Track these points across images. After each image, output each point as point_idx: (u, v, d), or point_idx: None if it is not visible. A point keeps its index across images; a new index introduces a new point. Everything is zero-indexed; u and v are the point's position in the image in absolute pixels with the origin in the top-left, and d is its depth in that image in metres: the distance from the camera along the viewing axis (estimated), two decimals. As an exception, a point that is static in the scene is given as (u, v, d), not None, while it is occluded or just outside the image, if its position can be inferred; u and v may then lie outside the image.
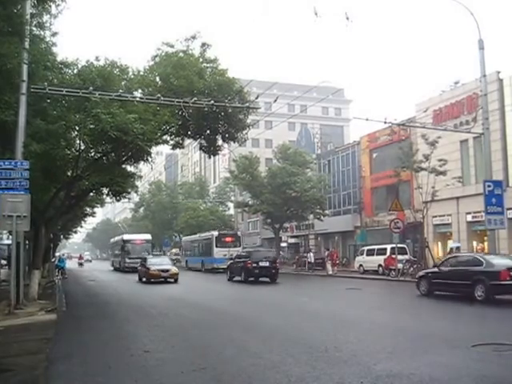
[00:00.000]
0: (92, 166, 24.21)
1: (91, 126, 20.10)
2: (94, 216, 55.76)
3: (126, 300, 25.50)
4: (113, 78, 21.59)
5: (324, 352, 11.25)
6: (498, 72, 38.04)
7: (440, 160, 34.26)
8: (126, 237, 61.64)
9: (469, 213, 39.66)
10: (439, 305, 21.37)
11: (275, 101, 25.01)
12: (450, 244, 33.49)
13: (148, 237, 62.52)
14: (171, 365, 10.45)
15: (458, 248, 33.70)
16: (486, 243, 33.48)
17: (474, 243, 39.63)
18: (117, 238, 69.54)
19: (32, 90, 18.90)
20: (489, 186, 26.14)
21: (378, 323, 15.85)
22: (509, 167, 37.41)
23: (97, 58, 22.19)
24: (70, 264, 72.26)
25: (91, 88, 19.87)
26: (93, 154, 24.18)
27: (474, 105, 37.27)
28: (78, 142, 22.77)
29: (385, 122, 28.46)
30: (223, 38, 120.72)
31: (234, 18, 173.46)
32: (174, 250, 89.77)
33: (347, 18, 19.84)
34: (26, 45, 17.48)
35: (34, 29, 19.09)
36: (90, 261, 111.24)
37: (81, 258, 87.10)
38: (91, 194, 30.83)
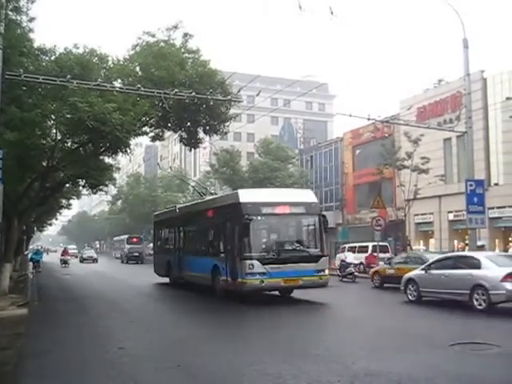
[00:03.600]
0: (68, 157, 23.74)
1: (68, 116, 19.67)
2: (69, 208, 54.53)
3: (102, 294, 24.97)
4: (91, 67, 21.09)
5: (302, 350, 11.16)
6: (482, 71, 38.13)
7: (423, 158, 34.17)
8: (248, 196, 21.29)
9: (450, 211, 39.72)
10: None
11: (258, 94, 24.54)
12: (478, 243, 33.56)
13: (309, 197, 23.47)
14: (146, 362, 10.28)
15: (483, 246, 33.26)
16: (467, 242, 33.34)
17: (455, 242, 39.66)
18: (203, 202, 27.74)
19: (7, 76, 18.26)
20: (471, 185, 25.95)
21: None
22: (491, 166, 37.50)
23: (75, 46, 21.64)
24: (48, 259, 69.72)
25: (69, 76, 19.27)
26: (69, 145, 23.79)
27: (457, 103, 37.23)
28: (54, 131, 22.35)
29: (368, 119, 28.16)
30: (206, 28, 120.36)
31: (218, 9, 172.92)
32: (151, 245, 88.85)
33: (331, 13, 19.42)
34: (1, 29, 17.01)
35: (10, 13, 18.53)
36: (96, 260, 69.83)
37: (66, 253, 58.11)
38: (67, 185, 30.34)
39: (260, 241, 20.65)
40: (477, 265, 17.64)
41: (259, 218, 20.28)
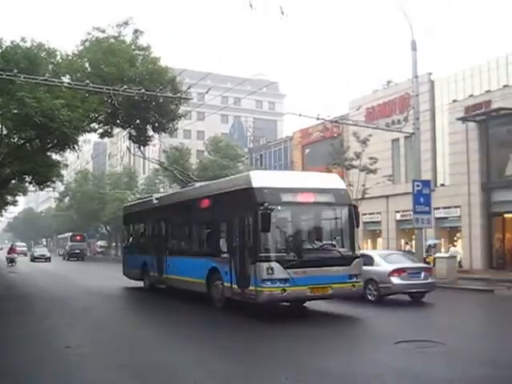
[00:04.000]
0: (14, 153, 23.30)
1: (15, 111, 19.30)
2: (15, 205, 53.36)
3: (48, 293, 24.50)
4: (39, 61, 20.80)
5: (251, 349, 11.21)
6: (430, 73, 38.68)
7: (371, 158, 34.49)
8: (262, 180, 16.09)
9: (398, 211, 40.19)
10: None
11: (207, 92, 24.45)
12: (430, 242, 32.86)
13: (337, 182, 17.88)
14: (94, 361, 10.20)
15: (435, 245, 32.69)
16: (413, 242, 33.88)
17: (402, 241, 40.20)
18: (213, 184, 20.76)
19: (-50, 69, 17.90)
20: (417, 186, 26.38)
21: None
22: (437, 167, 38.14)
23: (23, 39, 21.31)
24: None
25: (16, 70, 18.94)
26: (16, 140, 23.37)
27: (405, 105, 37.68)
28: (-1, 126, 21.85)
29: (318, 119, 28.36)
30: (157, 25, 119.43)
31: (169, 6, 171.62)
32: (99, 243, 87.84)
33: (282, 13, 19.49)
34: None
35: (-46, 5, 18.15)
36: (49, 258, 64.15)
37: (12, 250, 52.28)
38: (13, 181, 29.74)
39: (279, 238, 15.64)
40: (370, 262, 19.68)
41: (278, 207, 15.46)
